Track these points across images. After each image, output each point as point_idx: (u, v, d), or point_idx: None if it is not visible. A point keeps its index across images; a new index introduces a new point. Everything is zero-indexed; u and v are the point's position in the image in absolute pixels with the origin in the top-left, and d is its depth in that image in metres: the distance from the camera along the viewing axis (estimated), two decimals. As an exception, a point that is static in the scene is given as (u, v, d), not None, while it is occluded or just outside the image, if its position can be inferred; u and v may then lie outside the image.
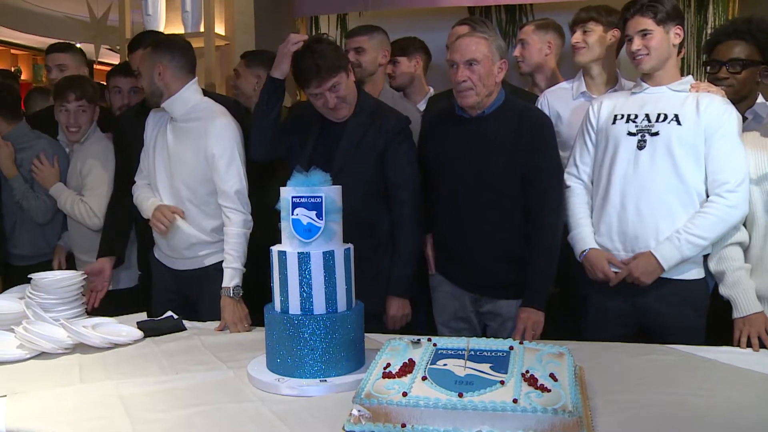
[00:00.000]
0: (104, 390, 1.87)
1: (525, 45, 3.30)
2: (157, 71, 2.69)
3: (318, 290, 1.87)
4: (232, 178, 2.67)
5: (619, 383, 1.88)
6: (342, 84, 2.58)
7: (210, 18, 3.98)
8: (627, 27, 2.49)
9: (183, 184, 2.72)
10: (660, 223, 2.42)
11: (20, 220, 3.35)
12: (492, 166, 2.56)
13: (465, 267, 2.66)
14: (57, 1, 7.93)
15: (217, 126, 2.68)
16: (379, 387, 1.66)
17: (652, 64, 2.47)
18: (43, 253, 3.37)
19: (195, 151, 2.69)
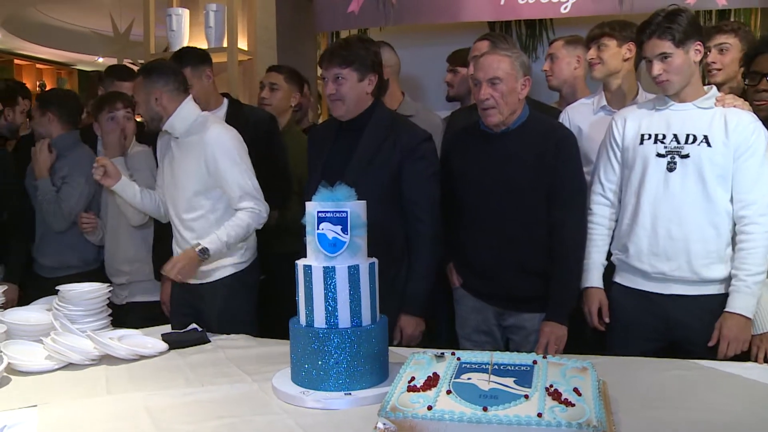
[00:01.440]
0: (132, 402, 1.89)
1: (554, 59, 3.33)
2: (153, 98, 2.76)
3: (343, 304, 1.89)
4: (237, 179, 2.72)
5: (642, 398, 1.87)
6: (347, 80, 2.58)
7: (233, 33, 4.04)
8: (644, 49, 2.46)
9: (188, 199, 2.78)
10: (691, 245, 2.42)
11: (46, 232, 3.39)
12: (516, 181, 2.58)
13: (488, 281, 2.67)
14: (81, 16, 8.06)
15: (212, 135, 2.74)
16: (404, 400, 1.67)
17: (676, 88, 2.46)
18: (68, 266, 3.40)
19: (197, 163, 2.74)
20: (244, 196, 2.73)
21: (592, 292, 2.60)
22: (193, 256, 2.69)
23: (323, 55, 2.67)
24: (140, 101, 2.83)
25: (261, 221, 2.78)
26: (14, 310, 2.53)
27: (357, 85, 2.59)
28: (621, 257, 2.58)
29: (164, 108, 2.77)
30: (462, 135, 2.80)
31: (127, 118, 3.24)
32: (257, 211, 2.74)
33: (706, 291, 2.45)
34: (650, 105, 2.60)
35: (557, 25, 4.37)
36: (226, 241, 2.70)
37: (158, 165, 2.98)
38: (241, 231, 2.73)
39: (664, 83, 2.45)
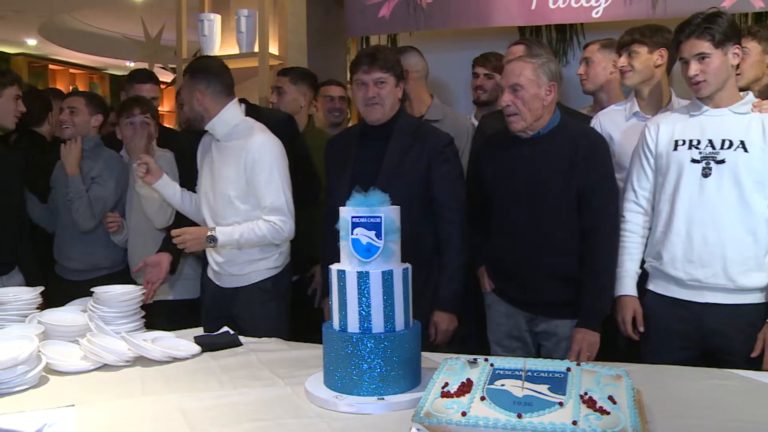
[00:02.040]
0: (166, 403, 1.91)
1: (589, 63, 3.30)
2: (195, 98, 2.80)
3: (377, 309, 1.89)
4: (272, 193, 2.74)
5: (678, 408, 1.84)
6: (388, 85, 2.67)
7: (264, 38, 4.07)
8: (681, 49, 2.44)
9: (226, 203, 2.80)
10: (728, 251, 2.40)
11: (72, 234, 3.43)
12: (547, 187, 2.57)
13: (520, 286, 2.66)
14: (114, 21, 8.18)
15: (255, 142, 2.76)
16: (438, 406, 1.67)
17: (711, 90, 2.43)
18: (96, 267, 3.45)
19: (236, 168, 2.76)
20: (273, 211, 2.74)
21: (626, 301, 2.58)
22: (202, 236, 2.72)
23: (361, 59, 2.70)
24: (185, 100, 2.88)
25: (280, 238, 2.78)
26: (51, 311, 2.56)
27: (394, 90, 2.70)
28: (655, 264, 2.56)
29: (206, 109, 2.81)
30: (493, 140, 2.80)
31: (145, 123, 3.27)
32: (278, 228, 2.74)
33: (743, 300, 2.42)
34: (684, 111, 2.57)
35: (588, 29, 4.35)
36: (236, 239, 2.73)
37: (197, 168, 3.00)
38: (254, 238, 2.74)
39: (699, 85, 2.42)
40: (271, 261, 2.87)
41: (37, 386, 2.06)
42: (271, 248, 2.85)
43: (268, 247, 2.84)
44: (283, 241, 2.83)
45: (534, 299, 2.65)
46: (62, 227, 3.48)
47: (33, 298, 2.63)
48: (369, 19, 4.27)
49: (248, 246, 2.78)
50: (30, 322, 2.48)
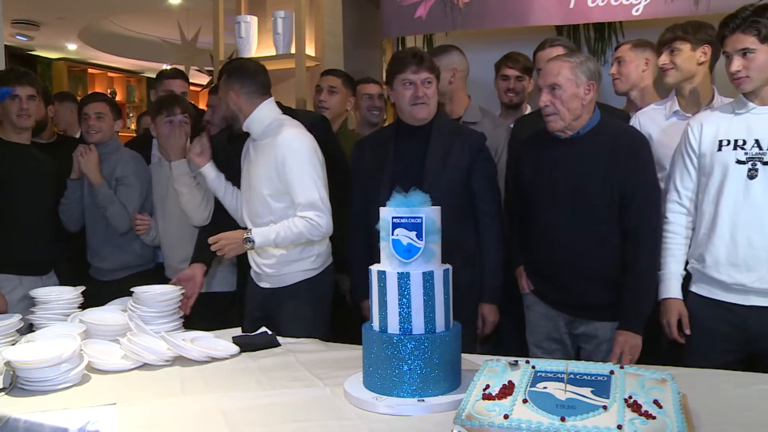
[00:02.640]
0: (206, 403, 1.92)
1: (622, 63, 3.26)
2: (230, 97, 2.83)
3: (417, 310, 1.87)
4: (305, 188, 2.71)
5: (726, 413, 1.79)
6: (433, 85, 2.77)
7: (301, 40, 4.08)
8: (725, 44, 2.38)
9: (262, 202, 2.80)
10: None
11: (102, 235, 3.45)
12: (587, 187, 2.53)
13: (560, 288, 2.63)
14: (151, 25, 8.28)
15: (285, 138, 2.75)
16: (480, 408, 1.65)
17: (753, 86, 2.37)
18: (128, 266, 3.48)
19: (268, 166, 2.76)
20: (308, 206, 2.70)
21: (671, 303, 2.52)
22: (239, 239, 2.72)
23: (408, 59, 2.74)
24: (222, 99, 2.91)
25: (318, 235, 2.75)
26: (92, 310, 2.59)
27: (436, 90, 2.79)
28: (697, 267, 2.51)
29: (240, 109, 2.83)
30: (532, 140, 2.77)
31: (184, 122, 3.28)
32: (315, 223, 2.70)
33: None
34: (728, 109, 2.51)
35: (627, 28, 4.28)
36: (273, 239, 2.71)
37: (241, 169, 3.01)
38: (291, 236, 2.71)
39: (741, 80, 2.36)
40: (308, 263, 2.85)
41: (79, 384, 2.09)
42: (308, 249, 2.84)
43: (307, 248, 2.83)
44: (321, 237, 2.79)
45: (574, 301, 2.62)
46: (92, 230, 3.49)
47: (74, 298, 2.67)
48: (405, 20, 4.26)
49: (286, 244, 2.76)
50: (72, 321, 2.52)
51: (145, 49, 9.21)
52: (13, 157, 3.26)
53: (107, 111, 3.49)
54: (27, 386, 2.02)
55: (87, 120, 3.45)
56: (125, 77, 10.75)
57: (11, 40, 8.47)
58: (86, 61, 10.02)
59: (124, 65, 10.46)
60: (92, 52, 9.59)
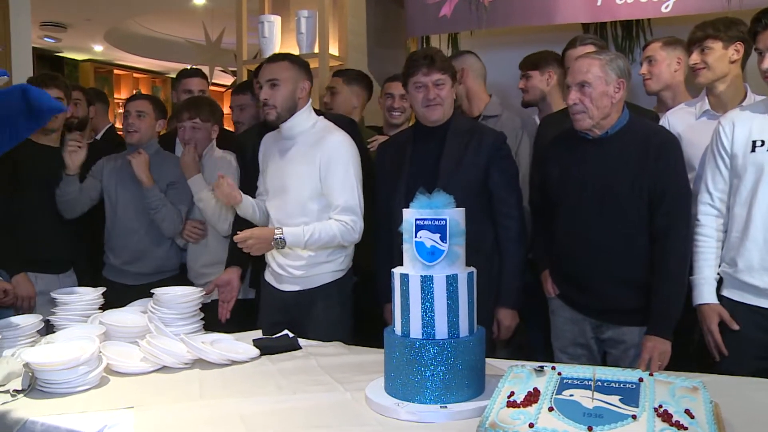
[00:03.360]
0: (225, 407, 1.89)
1: (653, 62, 3.17)
2: (300, 87, 2.77)
3: (440, 314, 1.82)
4: (346, 192, 2.71)
5: (761, 423, 1.73)
6: (446, 86, 2.71)
7: (324, 39, 4.06)
8: (758, 40, 2.31)
9: (298, 203, 2.76)
10: None
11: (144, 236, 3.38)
12: (616, 188, 2.47)
13: (586, 292, 2.57)
14: (175, 26, 8.34)
15: (334, 141, 2.75)
16: (504, 416, 1.60)
17: None
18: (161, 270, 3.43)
19: (311, 166, 2.73)
20: (346, 210, 2.71)
21: (709, 309, 2.44)
22: (269, 238, 2.68)
23: (418, 61, 2.70)
24: (284, 84, 2.77)
25: (350, 239, 2.75)
26: (112, 311, 2.58)
27: (451, 93, 2.74)
28: (729, 271, 2.44)
29: (301, 102, 2.80)
30: (560, 140, 2.71)
31: (195, 127, 3.26)
32: (350, 228, 2.71)
33: None
34: (761, 107, 2.44)
35: (655, 25, 4.19)
36: (306, 240, 2.68)
37: (260, 168, 2.97)
38: (325, 238, 2.70)
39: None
40: (337, 264, 2.83)
41: (97, 387, 2.07)
42: (339, 251, 2.82)
43: (337, 249, 2.80)
44: (353, 242, 2.79)
45: (601, 305, 2.55)
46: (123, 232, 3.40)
47: (95, 299, 2.67)
48: (430, 19, 4.21)
49: (315, 247, 2.73)
50: (92, 323, 2.51)
51: (169, 49, 9.28)
52: (40, 160, 3.27)
53: (150, 110, 3.41)
54: (45, 388, 2.01)
55: (127, 118, 3.39)
56: (150, 78, 10.86)
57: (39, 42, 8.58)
58: (112, 62, 10.13)
59: (150, 66, 10.55)
60: (118, 53, 9.68)
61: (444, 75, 2.68)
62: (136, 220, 3.34)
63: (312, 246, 2.72)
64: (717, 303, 2.44)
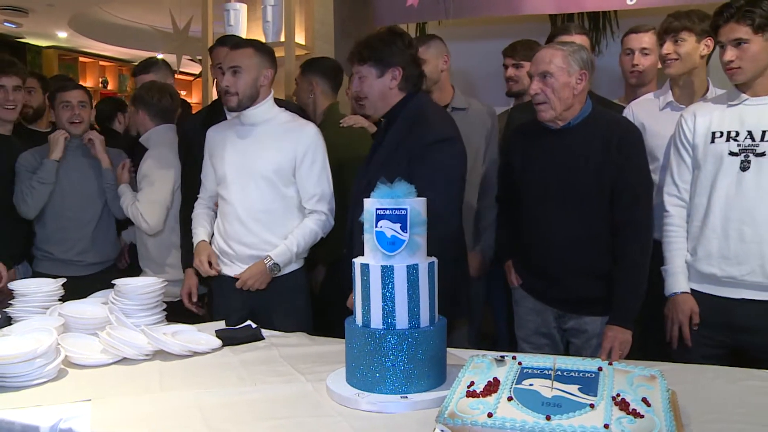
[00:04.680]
0: (184, 399, 1.87)
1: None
2: (263, 75, 2.76)
3: (401, 304, 1.82)
4: (323, 183, 2.76)
5: (715, 411, 1.76)
6: (368, 78, 2.54)
7: (290, 28, 4.02)
8: (719, 34, 2.33)
9: (261, 192, 2.74)
10: (766, 249, 2.30)
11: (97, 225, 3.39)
12: (579, 179, 2.48)
13: (548, 282, 2.58)
14: (142, 13, 8.20)
15: (310, 133, 2.76)
16: (463, 406, 1.61)
17: (747, 77, 2.33)
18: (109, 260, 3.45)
19: (283, 155, 2.72)
20: (322, 199, 2.76)
21: (682, 299, 2.47)
22: (264, 270, 2.72)
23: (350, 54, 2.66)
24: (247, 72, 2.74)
25: (327, 228, 2.81)
26: (72, 303, 2.54)
27: (377, 81, 2.53)
28: (689, 260, 2.47)
29: (264, 90, 2.79)
30: (523, 131, 2.71)
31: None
32: (324, 218, 2.77)
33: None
34: (722, 100, 2.47)
35: (621, 17, 4.23)
36: (295, 252, 2.73)
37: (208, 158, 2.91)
38: (309, 239, 2.76)
39: (734, 71, 2.33)
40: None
41: (55, 380, 2.03)
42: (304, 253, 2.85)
43: None
44: (329, 230, 2.83)
45: (563, 295, 2.57)
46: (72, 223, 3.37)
47: (54, 290, 2.62)
48: (397, 8, 4.20)
49: (306, 250, 2.81)
50: (51, 314, 2.47)
51: (136, 37, 9.11)
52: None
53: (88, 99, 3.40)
54: (0, 382, 1.96)
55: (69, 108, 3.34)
56: (117, 66, 10.66)
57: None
58: (77, 49, 9.92)
59: (117, 54, 10.36)
60: (83, 41, 9.49)
61: (362, 66, 2.54)
62: (90, 208, 3.34)
63: (302, 254, 2.80)
64: (690, 294, 2.47)
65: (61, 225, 3.32)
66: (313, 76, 3.50)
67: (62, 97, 3.33)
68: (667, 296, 2.51)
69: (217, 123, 2.97)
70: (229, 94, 2.74)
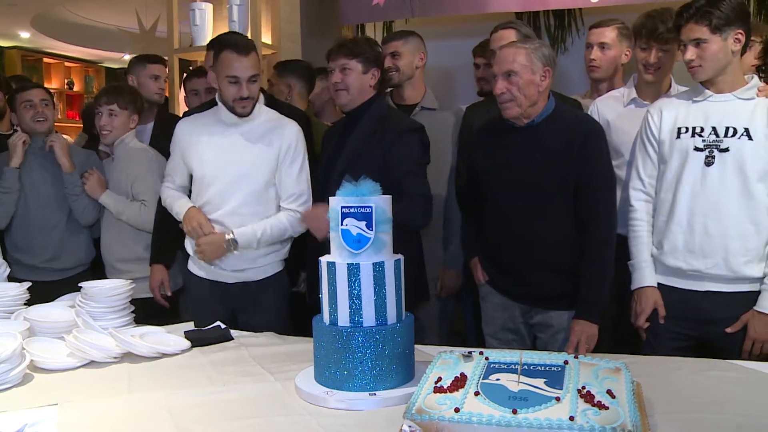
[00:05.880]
0: (153, 401, 1.86)
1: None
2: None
3: (368, 302, 1.83)
4: (302, 181, 2.75)
5: (679, 401, 1.80)
6: (353, 72, 2.69)
7: (257, 28, 4.01)
8: (681, 33, 2.38)
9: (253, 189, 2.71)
10: (729, 243, 2.35)
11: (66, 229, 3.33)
12: (543, 175, 2.50)
13: (515, 278, 2.60)
14: (108, 13, 8.10)
15: (293, 132, 2.76)
16: (431, 402, 1.62)
17: (707, 75, 2.38)
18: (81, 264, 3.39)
19: (268, 153, 2.71)
20: (300, 197, 2.74)
21: (648, 292, 2.51)
22: (221, 242, 2.66)
23: (331, 48, 2.74)
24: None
25: (300, 229, 2.75)
26: (38, 306, 2.51)
27: (361, 76, 2.71)
28: (656, 254, 2.52)
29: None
30: (487, 129, 2.72)
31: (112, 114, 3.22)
32: (299, 217, 2.72)
33: (741, 288, 2.39)
34: (687, 96, 2.51)
35: (586, 14, 4.27)
36: (258, 239, 2.67)
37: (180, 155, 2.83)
38: (276, 233, 2.71)
39: (695, 69, 2.38)
40: (282, 254, 2.85)
41: (20, 385, 2.00)
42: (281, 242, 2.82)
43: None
44: (302, 231, 2.77)
45: (529, 291, 2.59)
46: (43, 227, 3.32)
47: (19, 294, 2.58)
48: (363, 7, 4.20)
49: (267, 244, 2.73)
50: (16, 319, 2.44)
51: (102, 38, 9.00)
52: None
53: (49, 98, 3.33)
54: (-37, 388, 1.94)
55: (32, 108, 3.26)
56: (83, 67, 10.51)
57: (-43, 26, 8.25)
58: (41, 50, 9.76)
59: (82, 55, 10.21)
60: (47, 41, 9.34)
61: (350, 60, 2.68)
62: (57, 212, 3.28)
63: (264, 244, 2.71)
64: (656, 288, 2.51)
65: (26, 232, 3.27)
66: (290, 78, 3.55)
67: (23, 97, 3.27)
68: (633, 290, 2.55)
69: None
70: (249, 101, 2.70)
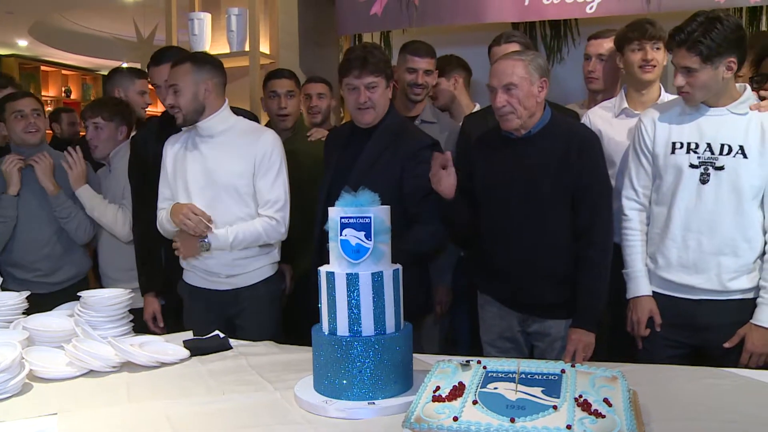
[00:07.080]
0: (152, 410, 1.87)
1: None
2: (203, 88, 2.69)
3: (367, 312, 1.84)
4: (278, 189, 2.72)
5: (675, 409, 1.81)
6: (379, 88, 2.65)
7: (255, 37, 4.03)
8: (672, 54, 2.38)
9: (225, 204, 2.72)
10: (723, 260, 2.37)
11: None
12: (539, 185, 2.51)
13: (512, 287, 2.61)
14: (105, 22, 8.13)
15: (269, 139, 2.74)
16: (429, 411, 1.64)
17: (698, 101, 2.39)
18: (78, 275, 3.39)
19: (245, 163, 2.70)
20: (275, 203, 2.71)
21: (643, 301, 2.53)
22: (194, 243, 2.68)
23: (351, 62, 2.64)
24: (184, 89, 2.68)
25: (276, 236, 2.75)
26: (37, 316, 2.51)
27: (385, 94, 2.69)
28: (650, 266, 2.54)
29: (210, 102, 2.72)
30: (483, 140, 2.73)
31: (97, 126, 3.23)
32: (274, 224, 2.71)
33: (733, 297, 2.41)
34: (678, 108, 2.50)
35: (582, 25, 4.31)
36: (230, 242, 2.68)
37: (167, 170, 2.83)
38: (249, 237, 2.70)
39: (685, 95, 2.39)
40: (271, 257, 2.85)
41: (19, 394, 2.01)
42: (270, 246, 2.82)
43: (262, 248, 2.79)
44: (279, 239, 2.79)
45: (526, 300, 2.60)
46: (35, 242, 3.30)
47: (18, 303, 2.58)
48: (361, 17, 4.22)
49: (240, 248, 2.72)
50: (15, 328, 2.44)
51: (100, 46, 9.02)
52: None
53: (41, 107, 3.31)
54: (-37, 398, 1.94)
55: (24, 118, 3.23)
56: (81, 75, 10.54)
57: (-45, 35, 8.27)
58: (39, 58, 9.79)
59: (79, 63, 10.24)
60: (44, 49, 9.37)
61: (377, 77, 2.64)
62: (45, 229, 3.26)
63: (237, 247, 2.71)
64: (651, 297, 2.53)
65: (18, 248, 3.25)
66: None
67: (14, 107, 3.22)
68: (629, 299, 2.57)
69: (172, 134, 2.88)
70: (174, 111, 2.72)
